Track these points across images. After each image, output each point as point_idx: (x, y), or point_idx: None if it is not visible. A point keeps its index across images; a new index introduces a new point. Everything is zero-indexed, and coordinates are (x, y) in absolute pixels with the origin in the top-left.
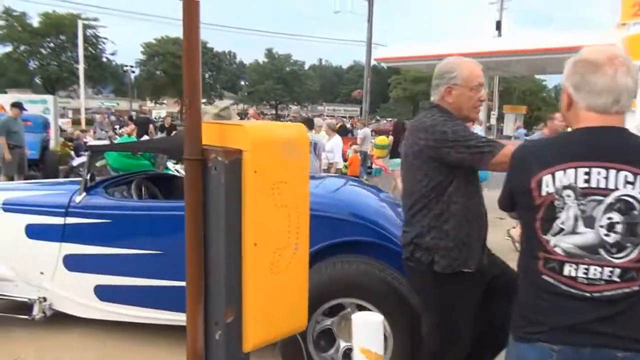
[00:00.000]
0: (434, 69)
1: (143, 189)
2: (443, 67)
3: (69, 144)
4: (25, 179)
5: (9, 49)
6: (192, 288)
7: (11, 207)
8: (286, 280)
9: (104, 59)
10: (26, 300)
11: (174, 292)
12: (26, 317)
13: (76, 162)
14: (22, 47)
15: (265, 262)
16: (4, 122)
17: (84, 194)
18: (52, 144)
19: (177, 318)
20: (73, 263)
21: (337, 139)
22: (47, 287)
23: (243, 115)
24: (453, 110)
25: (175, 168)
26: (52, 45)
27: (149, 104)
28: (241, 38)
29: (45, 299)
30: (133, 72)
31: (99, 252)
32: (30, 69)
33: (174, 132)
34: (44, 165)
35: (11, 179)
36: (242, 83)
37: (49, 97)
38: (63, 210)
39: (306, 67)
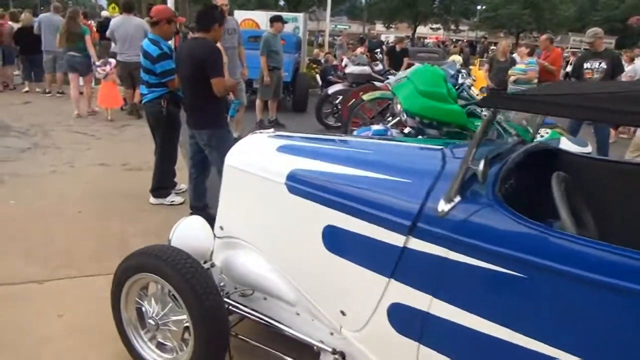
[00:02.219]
0: None
1: (562, 186)
2: None
3: (315, 66)
4: (278, 106)
5: None
6: None
7: (302, 189)
8: None
9: None
10: (312, 344)
11: None
12: None
13: (332, 89)
14: None
15: None
16: (266, 39)
17: (458, 198)
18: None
19: None
20: (408, 323)
21: None
22: (349, 336)
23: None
24: None
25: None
26: None
27: (378, 28)
28: None
29: (343, 357)
30: None
31: (477, 326)
32: None
33: (405, 59)
34: (294, 90)
35: (265, 103)
36: (478, 8)
37: (300, 15)
38: (407, 222)
39: None
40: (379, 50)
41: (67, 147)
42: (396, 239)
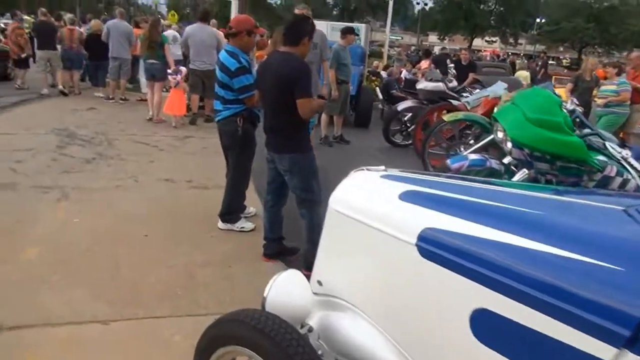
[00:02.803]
0: None
1: None
2: None
3: (374, 79)
4: (343, 122)
5: None
6: None
7: (443, 255)
8: None
9: None
10: None
11: None
12: None
13: (401, 106)
14: None
15: None
16: (336, 51)
17: None
18: None
19: None
20: None
21: None
22: None
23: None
24: None
25: None
26: None
27: (431, 39)
28: None
29: None
30: (425, 4)
31: None
32: (327, 1)
33: (471, 74)
34: (357, 104)
35: (331, 118)
36: (537, 20)
37: (362, 26)
38: (624, 332)
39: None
40: (452, 65)
41: (131, 159)
42: (602, 350)
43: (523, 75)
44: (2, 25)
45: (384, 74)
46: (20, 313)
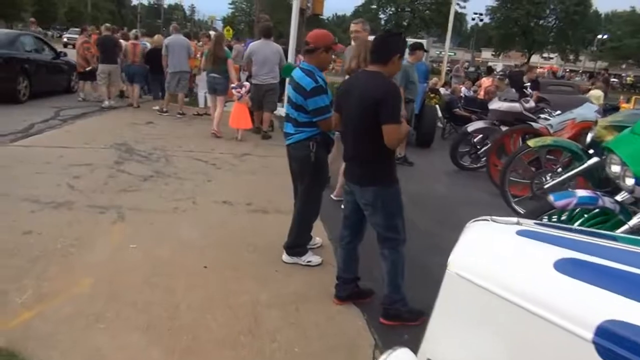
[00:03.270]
0: None
1: None
2: None
3: (433, 96)
4: (407, 142)
5: None
6: None
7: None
8: None
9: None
10: None
11: None
12: None
13: (472, 127)
14: None
15: None
16: (405, 69)
17: None
18: None
19: None
20: None
21: None
22: None
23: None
24: None
25: None
26: None
27: (484, 55)
28: None
29: None
30: (481, 20)
31: None
32: (379, 17)
33: (534, 92)
34: (420, 123)
35: None
36: (599, 37)
37: (424, 41)
38: None
39: None
40: (528, 84)
41: (188, 178)
42: None
43: (596, 95)
44: (65, 40)
45: (443, 90)
46: (71, 358)
